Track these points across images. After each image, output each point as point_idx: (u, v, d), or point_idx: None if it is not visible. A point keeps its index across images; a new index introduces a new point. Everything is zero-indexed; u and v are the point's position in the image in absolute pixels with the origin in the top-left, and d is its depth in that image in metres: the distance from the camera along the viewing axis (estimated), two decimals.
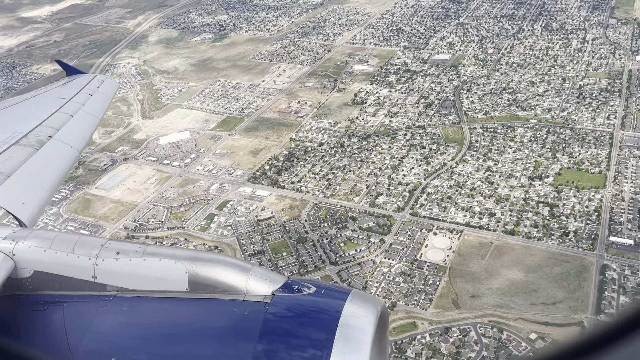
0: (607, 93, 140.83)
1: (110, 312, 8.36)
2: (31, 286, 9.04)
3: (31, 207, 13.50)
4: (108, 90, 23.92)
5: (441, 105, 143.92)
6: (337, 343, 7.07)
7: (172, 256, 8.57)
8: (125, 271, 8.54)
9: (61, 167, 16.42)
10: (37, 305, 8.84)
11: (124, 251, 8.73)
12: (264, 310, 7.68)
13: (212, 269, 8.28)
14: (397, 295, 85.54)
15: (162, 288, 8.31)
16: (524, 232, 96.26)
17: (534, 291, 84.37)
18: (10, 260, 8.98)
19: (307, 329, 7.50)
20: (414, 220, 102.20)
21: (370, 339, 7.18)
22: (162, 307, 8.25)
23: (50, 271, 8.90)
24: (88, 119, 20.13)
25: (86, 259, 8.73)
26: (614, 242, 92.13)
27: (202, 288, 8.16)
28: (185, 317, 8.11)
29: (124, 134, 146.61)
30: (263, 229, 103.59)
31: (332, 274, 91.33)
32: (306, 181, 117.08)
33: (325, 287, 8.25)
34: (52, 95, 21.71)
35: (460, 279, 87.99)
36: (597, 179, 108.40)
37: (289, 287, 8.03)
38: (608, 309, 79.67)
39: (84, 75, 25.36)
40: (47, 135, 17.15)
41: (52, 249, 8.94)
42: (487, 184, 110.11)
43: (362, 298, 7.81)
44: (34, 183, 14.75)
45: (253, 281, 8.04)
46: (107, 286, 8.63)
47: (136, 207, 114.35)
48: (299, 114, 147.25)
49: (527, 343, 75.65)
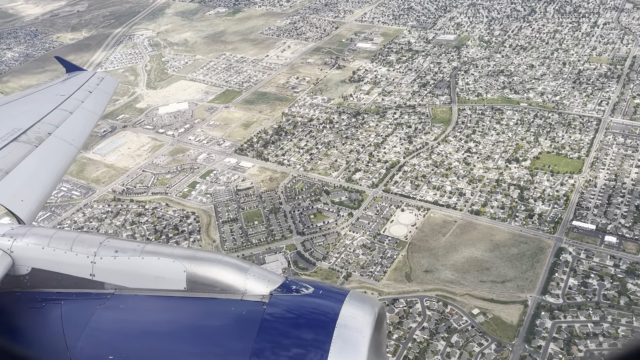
0: (606, 79, 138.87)
1: (108, 310, 8.31)
2: (29, 283, 8.99)
3: (30, 204, 13.49)
4: (107, 88, 23.80)
5: (435, 85, 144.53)
6: (334, 344, 7.09)
7: (170, 255, 8.51)
8: (124, 269, 8.52)
9: (60, 164, 16.41)
10: (35, 302, 8.80)
11: (122, 249, 8.67)
12: (262, 310, 7.67)
13: (211, 268, 8.24)
14: (355, 266, 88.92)
15: (160, 287, 8.29)
16: (490, 212, 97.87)
17: (487, 269, 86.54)
18: (8, 257, 8.92)
19: (304, 329, 7.46)
20: (385, 197, 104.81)
21: (368, 340, 7.17)
22: (160, 305, 8.22)
23: (48, 269, 8.86)
24: (87, 116, 20.16)
25: (84, 256, 8.68)
26: (576, 226, 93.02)
27: (200, 287, 8.13)
28: (183, 316, 8.06)
29: (127, 103, 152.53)
30: (240, 198, 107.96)
31: (297, 243, 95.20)
32: (290, 155, 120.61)
33: (323, 287, 8.13)
34: (52, 92, 21.77)
35: (417, 254, 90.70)
36: (574, 164, 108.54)
37: (286, 287, 7.99)
38: (554, 289, 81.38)
39: (83, 72, 25.33)
40: (46, 132, 17.18)
41: (50, 247, 8.90)
42: (463, 164, 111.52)
43: (359, 299, 7.78)
44: (33, 180, 14.71)
45: (251, 281, 8.00)
46: (105, 284, 8.59)
47: (127, 172, 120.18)
48: (295, 90, 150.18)
49: (469, 317, 78.28)
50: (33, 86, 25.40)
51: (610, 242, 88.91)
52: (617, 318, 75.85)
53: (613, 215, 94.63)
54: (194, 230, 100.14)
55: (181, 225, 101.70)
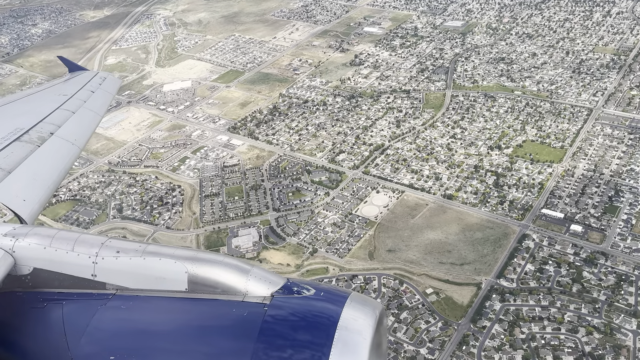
0: (607, 69, 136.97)
1: (109, 310, 8.34)
2: (30, 283, 9.00)
3: (32, 204, 13.47)
4: (110, 87, 23.82)
5: (434, 71, 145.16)
6: (335, 346, 7.11)
7: (172, 256, 8.49)
8: (125, 270, 8.53)
9: (62, 164, 16.35)
10: (36, 302, 8.81)
11: (124, 250, 8.69)
12: (263, 311, 7.66)
13: (212, 269, 8.23)
14: (322, 243, 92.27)
15: (162, 287, 8.31)
16: (463, 197, 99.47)
17: (448, 252, 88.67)
18: (10, 257, 8.94)
19: (305, 331, 7.45)
20: (364, 178, 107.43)
21: (369, 342, 7.20)
22: (162, 306, 8.22)
23: (50, 269, 8.86)
24: (89, 116, 20.12)
25: (86, 257, 8.70)
26: (545, 214, 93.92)
27: (201, 288, 8.13)
28: (184, 317, 8.04)
29: (135, 79, 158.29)
30: (226, 174, 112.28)
31: (271, 219, 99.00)
32: (280, 135, 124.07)
33: (325, 289, 8.10)
34: (54, 92, 21.70)
35: (383, 234, 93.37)
36: (556, 154, 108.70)
37: (288, 289, 7.98)
38: (510, 274, 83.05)
39: (86, 72, 25.32)
40: (48, 132, 17.15)
41: (52, 247, 8.90)
42: (446, 149, 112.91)
43: (361, 301, 7.78)
44: (35, 180, 14.67)
45: (252, 282, 7.99)
46: (107, 285, 8.61)
47: (125, 145, 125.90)
48: (297, 71, 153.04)
49: (421, 296, 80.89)
50: (36, 86, 27.06)
51: (575, 231, 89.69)
52: (566, 304, 77.28)
53: (584, 205, 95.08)
54: (177, 203, 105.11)
55: (166, 197, 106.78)
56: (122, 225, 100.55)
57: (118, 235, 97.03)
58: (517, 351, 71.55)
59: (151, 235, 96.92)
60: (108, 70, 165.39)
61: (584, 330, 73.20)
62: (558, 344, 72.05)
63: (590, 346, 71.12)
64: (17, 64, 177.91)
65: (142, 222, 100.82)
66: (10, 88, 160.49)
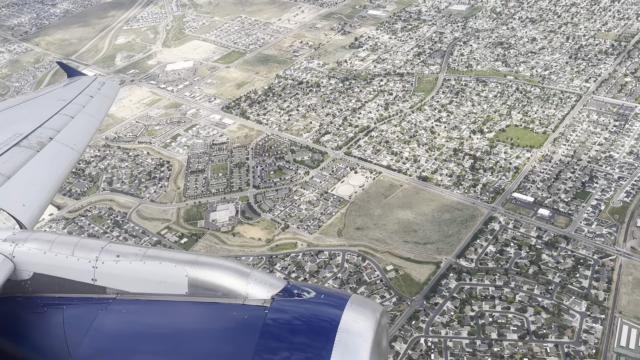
0: (605, 55, 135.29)
1: (109, 315, 8.35)
2: (30, 288, 9.01)
3: (31, 209, 13.52)
4: (109, 92, 23.89)
5: (430, 55, 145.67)
6: (336, 349, 7.13)
7: (172, 259, 8.52)
8: (125, 274, 8.56)
9: (62, 169, 16.37)
10: (37, 307, 8.83)
11: (124, 254, 8.72)
12: (264, 314, 7.68)
13: (212, 272, 8.26)
14: (295, 219, 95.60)
15: (162, 291, 8.34)
16: (437, 179, 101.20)
17: (414, 231, 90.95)
18: (10, 262, 8.95)
19: (306, 334, 7.48)
20: (345, 159, 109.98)
21: (370, 344, 7.23)
22: (162, 310, 8.25)
23: (50, 273, 8.88)
24: (89, 121, 20.14)
25: (86, 261, 8.73)
26: (515, 197, 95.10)
27: (201, 292, 8.17)
28: (184, 320, 8.06)
29: (141, 59, 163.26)
30: (213, 151, 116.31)
31: (250, 195, 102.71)
32: (270, 115, 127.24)
33: (325, 292, 8.12)
34: (53, 97, 21.77)
35: (354, 213, 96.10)
36: (538, 139, 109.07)
37: (288, 292, 8.02)
38: (471, 254, 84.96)
39: (85, 77, 25.41)
40: (47, 137, 17.20)
41: (52, 251, 8.93)
42: (429, 133, 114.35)
43: (361, 303, 7.79)
44: (34, 185, 14.71)
45: (253, 285, 8.04)
46: (107, 289, 8.63)
47: (123, 121, 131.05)
48: (296, 53, 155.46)
49: (381, 272, 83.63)
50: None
51: (542, 215, 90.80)
52: (520, 285, 79.03)
53: (556, 190, 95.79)
54: (163, 177, 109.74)
55: (155, 172, 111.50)
56: (110, 197, 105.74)
57: (106, 206, 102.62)
58: (464, 327, 73.92)
59: (135, 208, 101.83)
60: (116, 50, 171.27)
61: (532, 310, 75.04)
62: (505, 322, 74.16)
63: (536, 325, 73.01)
64: (34, 42, 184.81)
65: (129, 194, 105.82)
66: (25, 65, 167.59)
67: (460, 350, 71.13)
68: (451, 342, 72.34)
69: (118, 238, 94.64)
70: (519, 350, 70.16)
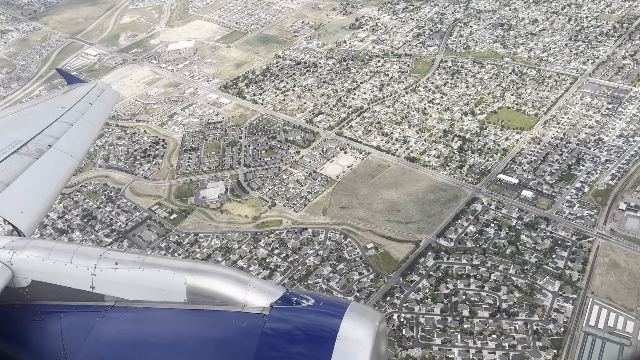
0: (605, 37, 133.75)
1: (108, 322, 8.30)
2: (29, 296, 8.96)
3: (30, 216, 13.54)
4: (108, 99, 23.80)
5: (430, 36, 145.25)
6: (335, 356, 7.12)
7: (170, 267, 8.51)
8: (124, 281, 8.53)
9: (60, 176, 16.42)
10: (35, 315, 8.78)
11: (122, 261, 8.69)
12: (262, 322, 7.64)
13: (211, 280, 8.23)
14: (282, 198, 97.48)
15: (161, 299, 8.30)
16: (424, 160, 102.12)
17: (397, 211, 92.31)
18: (8, 269, 8.92)
19: (305, 341, 7.45)
20: (335, 139, 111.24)
21: (369, 352, 7.19)
22: (161, 317, 8.21)
23: (48, 281, 8.84)
24: (88, 128, 20.15)
25: (84, 269, 8.70)
26: (500, 179, 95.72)
27: (200, 299, 8.14)
28: (183, 328, 8.02)
29: (144, 38, 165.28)
30: (208, 130, 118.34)
31: (240, 174, 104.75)
32: (266, 95, 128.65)
33: (324, 299, 8.10)
34: (52, 104, 21.78)
35: (341, 192, 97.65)
36: (528, 121, 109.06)
37: (287, 299, 7.99)
38: (451, 234, 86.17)
39: (84, 84, 25.45)
40: (46, 144, 17.20)
41: (50, 259, 8.90)
42: (420, 114, 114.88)
43: (360, 311, 7.75)
44: (33, 192, 14.70)
45: (251, 293, 8.01)
46: (106, 296, 8.58)
47: (123, 100, 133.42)
48: (296, 34, 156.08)
49: (361, 250, 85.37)
50: (33, 98, 24.13)
51: (525, 197, 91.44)
52: (496, 264, 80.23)
53: (542, 172, 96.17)
54: (158, 155, 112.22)
55: (150, 150, 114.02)
56: (105, 173, 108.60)
57: (101, 182, 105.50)
58: (437, 305, 75.54)
59: (129, 184, 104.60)
60: (121, 29, 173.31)
61: (505, 289, 76.31)
62: (478, 300, 75.61)
63: (508, 304, 74.34)
64: (42, 21, 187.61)
65: (124, 171, 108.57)
66: (32, 44, 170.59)
67: (432, 327, 72.84)
68: (423, 319, 74.05)
69: (111, 213, 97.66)
70: (489, 328, 71.67)
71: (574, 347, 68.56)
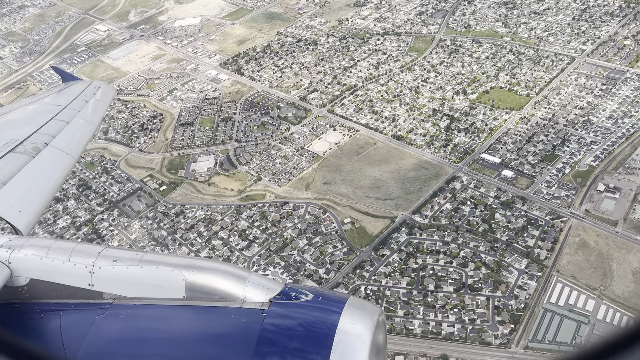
0: (610, 17, 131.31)
1: (107, 320, 8.27)
2: (27, 294, 8.93)
3: (27, 214, 13.56)
4: (104, 97, 23.66)
5: (432, 14, 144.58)
6: (334, 351, 7.12)
7: (169, 264, 8.49)
8: (122, 279, 8.53)
9: (57, 174, 16.47)
10: (33, 313, 8.75)
11: (120, 259, 8.68)
12: (261, 318, 7.64)
13: (210, 276, 8.22)
14: (268, 173, 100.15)
15: (160, 295, 8.31)
16: (411, 138, 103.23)
17: (377, 187, 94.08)
18: (6, 268, 8.88)
19: (304, 336, 7.47)
20: (326, 116, 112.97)
21: (368, 346, 7.21)
22: (160, 314, 8.23)
23: (47, 279, 8.82)
24: (84, 126, 20.10)
25: (83, 266, 8.65)
26: (483, 158, 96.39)
27: (199, 295, 8.14)
28: (182, 324, 8.05)
29: (153, 15, 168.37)
30: (205, 106, 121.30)
31: (231, 148, 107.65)
32: (264, 72, 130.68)
33: (323, 294, 8.15)
34: (48, 102, 21.70)
35: (325, 168, 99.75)
36: (519, 101, 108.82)
37: (286, 295, 7.99)
38: (427, 211, 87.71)
39: (80, 82, 25.23)
40: (43, 143, 17.17)
41: (48, 257, 8.86)
42: (412, 93, 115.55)
43: (359, 305, 7.78)
44: (30, 191, 14.72)
45: (250, 289, 8.01)
46: (104, 294, 8.55)
47: (127, 75, 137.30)
48: (300, 11, 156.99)
49: (338, 225, 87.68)
50: (30, 96, 25.40)
51: (505, 176, 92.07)
52: (467, 242, 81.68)
53: (525, 152, 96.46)
54: (154, 129, 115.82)
55: (148, 123, 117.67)
56: (104, 145, 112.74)
57: (99, 154, 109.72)
58: (404, 278, 77.66)
59: (125, 156, 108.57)
60: (132, 5, 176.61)
61: (473, 266, 77.88)
62: (444, 275, 77.43)
63: (473, 280, 75.99)
64: None
65: (121, 144, 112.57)
66: (46, 19, 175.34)
67: (396, 299, 75.11)
68: (389, 291, 76.36)
69: (105, 183, 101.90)
70: (452, 302, 73.60)
71: (532, 323, 70.09)
